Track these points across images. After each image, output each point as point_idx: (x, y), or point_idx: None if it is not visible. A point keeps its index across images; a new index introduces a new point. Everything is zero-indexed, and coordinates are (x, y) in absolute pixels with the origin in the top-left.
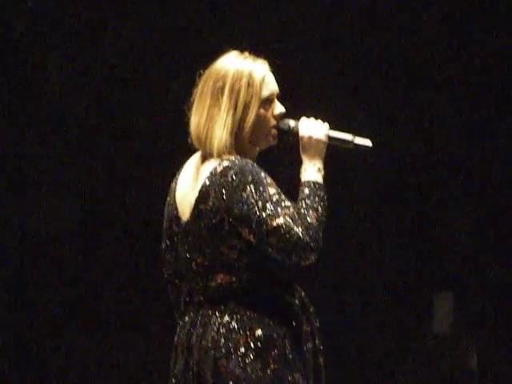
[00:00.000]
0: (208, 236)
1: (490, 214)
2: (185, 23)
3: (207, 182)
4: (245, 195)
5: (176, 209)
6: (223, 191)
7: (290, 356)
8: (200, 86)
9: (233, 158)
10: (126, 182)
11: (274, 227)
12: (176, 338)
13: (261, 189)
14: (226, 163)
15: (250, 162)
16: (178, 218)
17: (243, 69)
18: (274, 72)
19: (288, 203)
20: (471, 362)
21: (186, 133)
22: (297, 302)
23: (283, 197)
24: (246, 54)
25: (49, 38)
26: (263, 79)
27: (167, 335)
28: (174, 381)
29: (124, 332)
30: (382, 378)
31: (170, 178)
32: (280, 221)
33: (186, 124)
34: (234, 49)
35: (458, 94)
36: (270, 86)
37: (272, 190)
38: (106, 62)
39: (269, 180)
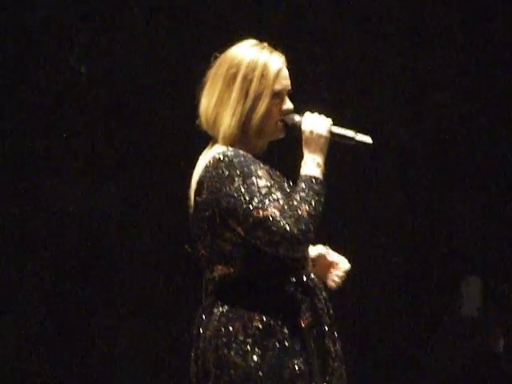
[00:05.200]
0: (205, 228)
1: None
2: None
3: (202, 174)
4: (233, 188)
5: (189, 197)
6: (214, 184)
7: (289, 343)
8: (214, 69)
9: (225, 149)
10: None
11: (260, 219)
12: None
13: (248, 181)
14: (217, 156)
15: (242, 153)
16: (189, 207)
17: (258, 59)
18: (289, 69)
19: (278, 196)
20: (498, 345)
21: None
22: (299, 289)
23: (274, 189)
24: (265, 44)
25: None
26: (278, 72)
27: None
28: (191, 369)
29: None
30: (409, 360)
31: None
32: (266, 213)
33: (196, 106)
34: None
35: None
36: (284, 80)
37: (262, 183)
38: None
39: (260, 172)
